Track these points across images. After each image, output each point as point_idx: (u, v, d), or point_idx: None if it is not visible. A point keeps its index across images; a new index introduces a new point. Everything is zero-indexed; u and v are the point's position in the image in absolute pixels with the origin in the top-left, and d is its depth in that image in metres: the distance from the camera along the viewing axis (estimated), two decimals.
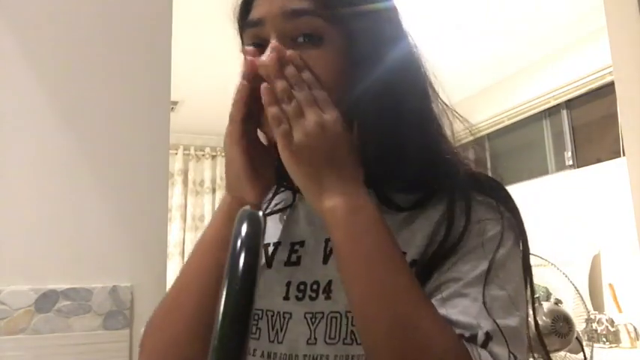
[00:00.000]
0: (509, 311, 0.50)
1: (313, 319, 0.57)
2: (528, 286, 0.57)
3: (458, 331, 0.48)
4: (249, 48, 0.56)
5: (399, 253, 0.51)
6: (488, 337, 0.48)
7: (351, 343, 0.54)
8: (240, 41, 0.63)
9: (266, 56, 0.53)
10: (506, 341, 0.48)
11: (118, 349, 1.03)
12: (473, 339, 0.48)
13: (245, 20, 0.61)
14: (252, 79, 0.53)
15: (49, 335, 0.98)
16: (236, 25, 0.64)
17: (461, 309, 0.49)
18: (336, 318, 0.56)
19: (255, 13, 0.59)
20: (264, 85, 0.52)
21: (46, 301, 0.99)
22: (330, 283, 0.58)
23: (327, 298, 0.58)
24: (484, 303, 0.50)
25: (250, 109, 0.54)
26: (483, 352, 0.47)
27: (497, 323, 0.48)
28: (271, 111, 0.52)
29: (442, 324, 0.48)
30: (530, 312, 0.60)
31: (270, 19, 0.57)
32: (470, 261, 0.52)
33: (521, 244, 0.57)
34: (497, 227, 0.55)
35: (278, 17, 0.56)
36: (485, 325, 0.48)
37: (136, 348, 1.04)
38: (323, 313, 0.57)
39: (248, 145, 0.55)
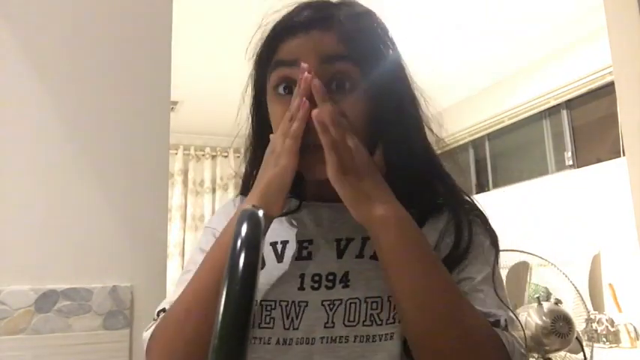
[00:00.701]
0: (509, 305, 0.60)
1: (331, 306, 0.60)
2: None
3: None
4: (305, 65, 0.58)
5: (436, 254, 0.59)
6: (506, 323, 0.56)
7: (370, 324, 0.58)
8: (255, 77, 0.67)
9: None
10: (521, 326, 0.58)
11: (118, 349, 1.03)
12: (496, 324, 0.56)
13: (272, 59, 0.63)
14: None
15: (49, 335, 0.98)
16: (252, 61, 0.67)
17: (479, 302, 0.57)
18: (355, 303, 0.59)
19: (288, 54, 0.61)
20: (315, 112, 0.56)
21: (46, 301, 0.99)
22: (347, 274, 0.62)
23: (345, 286, 0.61)
24: (496, 297, 0.59)
25: None
26: (508, 335, 0.55)
27: (512, 312, 0.58)
28: (328, 137, 0.56)
29: (478, 311, 0.56)
30: None
31: (304, 61, 0.58)
32: (477, 265, 0.61)
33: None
34: (488, 240, 0.65)
35: (313, 60, 0.59)
36: (503, 314, 0.57)
37: (136, 348, 1.04)
38: (341, 299, 0.60)
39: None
